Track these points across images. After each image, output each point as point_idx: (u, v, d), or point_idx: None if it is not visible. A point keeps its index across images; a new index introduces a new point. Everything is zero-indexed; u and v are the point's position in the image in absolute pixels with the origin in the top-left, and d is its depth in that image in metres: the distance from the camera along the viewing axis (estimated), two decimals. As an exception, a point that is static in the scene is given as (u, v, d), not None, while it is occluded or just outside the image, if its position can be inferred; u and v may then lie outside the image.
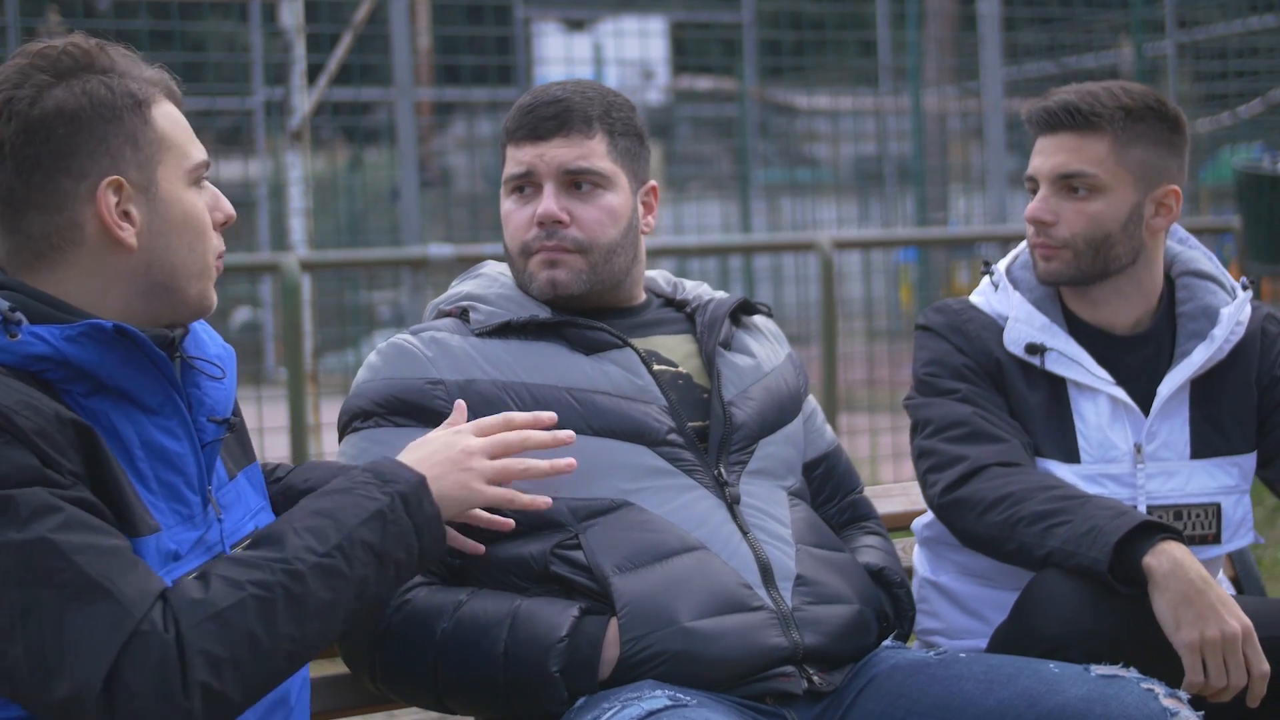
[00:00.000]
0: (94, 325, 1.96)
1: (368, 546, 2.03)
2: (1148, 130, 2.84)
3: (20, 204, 1.99)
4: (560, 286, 2.60)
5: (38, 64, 2.00)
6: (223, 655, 1.88)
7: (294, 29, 7.60)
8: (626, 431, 2.53)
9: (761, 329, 2.81)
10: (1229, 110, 10.39)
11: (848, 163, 13.18)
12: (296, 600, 1.95)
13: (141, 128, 2.02)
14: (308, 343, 6.27)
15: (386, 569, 2.06)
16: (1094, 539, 2.54)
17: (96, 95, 2.00)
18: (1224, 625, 2.48)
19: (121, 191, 2.01)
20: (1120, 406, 2.86)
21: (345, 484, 2.09)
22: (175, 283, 2.06)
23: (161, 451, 2.03)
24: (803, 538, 2.59)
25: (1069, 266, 2.86)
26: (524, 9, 10.81)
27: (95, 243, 2.01)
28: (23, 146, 1.97)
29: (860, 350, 8.72)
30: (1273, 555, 6.20)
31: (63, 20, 9.69)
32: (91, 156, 1.99)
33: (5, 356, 1.94)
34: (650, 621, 2.38)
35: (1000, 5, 8.88)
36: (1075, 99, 2.84)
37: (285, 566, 1.96)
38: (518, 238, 2.63)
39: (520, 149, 2.63)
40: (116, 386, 1.99)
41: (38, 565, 1.84)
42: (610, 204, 2.62)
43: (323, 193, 10.19)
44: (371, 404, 2.54)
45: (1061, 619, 2.54)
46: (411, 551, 2.08)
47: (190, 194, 2.07)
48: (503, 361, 2.56)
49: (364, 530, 2.03)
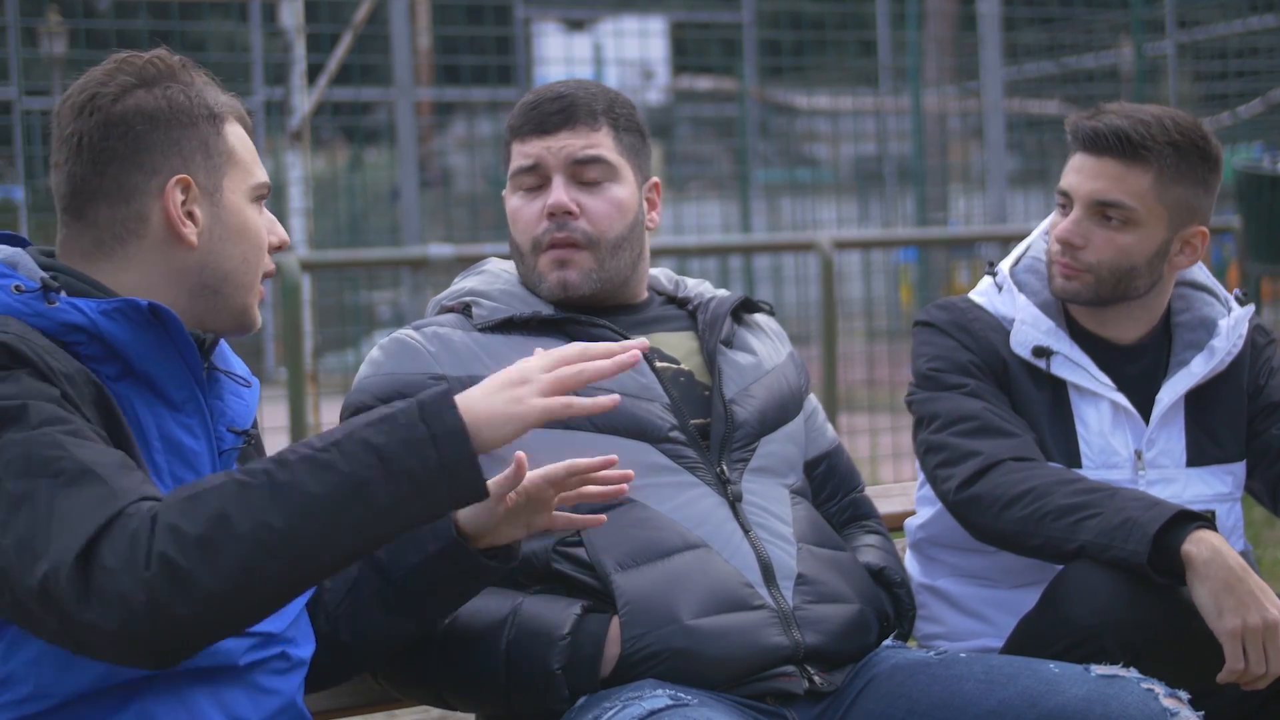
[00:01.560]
0: (130, 302, 2.01)
1: (370, 447, 1.88)
2: (1190, 169, 2.81)
3: (90, 193, 2.08)
4: (571, 288, 2.61)
5: (124, 68, 2.10)
6: (188, 530, 1.81)
7: (294, 29, 7.60)
8: (629, 429, 2.53)
9: (763, 327, 2.81)
10: (1229, 110, 10.37)
11: (848, 163, 13.17)
12: (279, 487, 1.85)
13: (214, 137, 2.12)
14: (308, 343, 6.27)
15: (395, 477, 1.88)
16: (1130, 530, 2.54)
17: (175, 101, 2.10)
18: (1265, 613, 2.49)
19: (189, 191, 2.09)
20: (1121, 413, 2.86)
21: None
22: (224, 288, 2.13)
23: (178, 447, 2.06)
24: (804, 536, 2.59)
25: (1088, 289, 2.85)
26: (524, 9, 10.80)
27: (157, 237, 2.09)
28: (100, 140, 2.07)
29: (860, 350, 8.72)
30: (1273, 555, 6.20)
31: (63, 20, 9.69)
32: (164, 155, 2.08)
33: (41, 322, 1.99)
34: (651, 620, 2.38)
35: (1000, 5, 8.87)
36: (1127, 126, 2.79)
37: (276, 457, 1.90)
38: (528, 233, 2.63)
39: (526, 143, 2.63)
40: (144, 372, 2.03)
41: (38, 455, 1.86)
42: (618, 196, 2.63)
43: (323, 193, 10.19)
44: (374, 399, 2.54)
45: (1096, 609, 2.53)
46: (428, 462, 1.89)
47: (251, 209, 2.16)
48: (505, 356, 2.55)
49: (368, 431, 1.90)
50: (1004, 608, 2.83)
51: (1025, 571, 2.80)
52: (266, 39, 9.34)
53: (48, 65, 9.80)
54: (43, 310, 1.99)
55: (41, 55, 9.95)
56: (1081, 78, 11.03)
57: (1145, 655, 2.46)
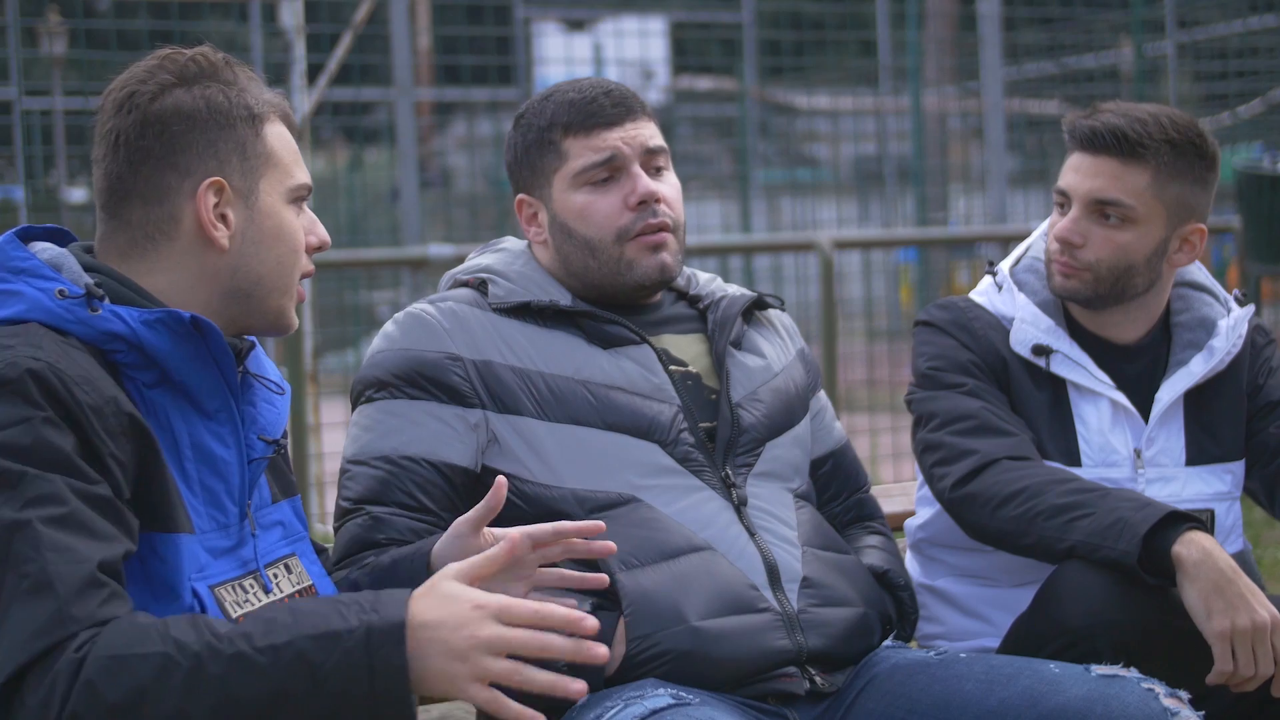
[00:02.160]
0: (172, 314, 2.00)
1: (306, 662, 1.81)
2: (1187, 167, 2.82)
3: (125, 192, 2.07)
4: (667, 270, 2.62)
5: (166, 66, 2.08)
6: (105, 696, 1.78)
7: (294, 29, 7.59)
8: (639, 428, 2.53)
9: (774, 324, 2.81)
10: (1229, 110, 10.37)
11: (848, 163, 13.18)
12: (200, 678, 1.80)
13: (252, 139, 2.10)
14: (308, 343, 6.27)
15: (322, 696, 1.81)
16: (1121, 531, 2.54)
17: (214, 101, 2.08)
18: (1254, 615, 2.49)
19: (222, 194, 2.07)
20: (1121, 411, 2.87)
21: (344, 594, 1.95)
22: (257, 291, 2.11)
23: (209, 456, 2.06)
24: (809, 540, 2.59)
25: (1086, 287, 2.85)
26: (524, 9, 10.80)
27: (189, 239, 2.07)
28: (137, 138, 2.05)
29: (860, 350, 8.73)
30: (1273, 555, 6.20)
31: (63, 20, 9.69)
32: (200, 156, 2.07)
33: (83, 330, 1.97)
34: (657, 620, 2.38)
35: (1000, 5, 8.88)
36: (1124, 125, 2.80)
37: (214, 642, 1.82)
38: (610, 225, 2.60)
39: (594, 136, 2.60)
40: (181, 381, 2.02)
41: (12, 548, 1.83)
42: (677, 184, 2.67)
43: (323, 193, 10.20)
44: (389, 374, 2.53)
45: (1087, 611, 2.54)
46: (359, 689, 1.82)
47: (288, 211, 2.13)
48: (520, 346, 2.55)
49: (310, 644, 1.82)
50: (1003, 607, 2.83)
51: (1025, 570, 2.80)
52: (266, 39, 9.34)
53: (48, 65, 9.80)
54: (85, 318, 1.98)
55: (41, 55, 9.95)
56: (1081, 78, 11.03)
57: (1136, 656, 2.45)
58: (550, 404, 2.51)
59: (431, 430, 2.49)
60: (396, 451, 2.48)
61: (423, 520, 2.45)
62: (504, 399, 2.50)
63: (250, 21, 9.22)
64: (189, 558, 1.99)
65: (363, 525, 2.45)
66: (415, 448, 2.48)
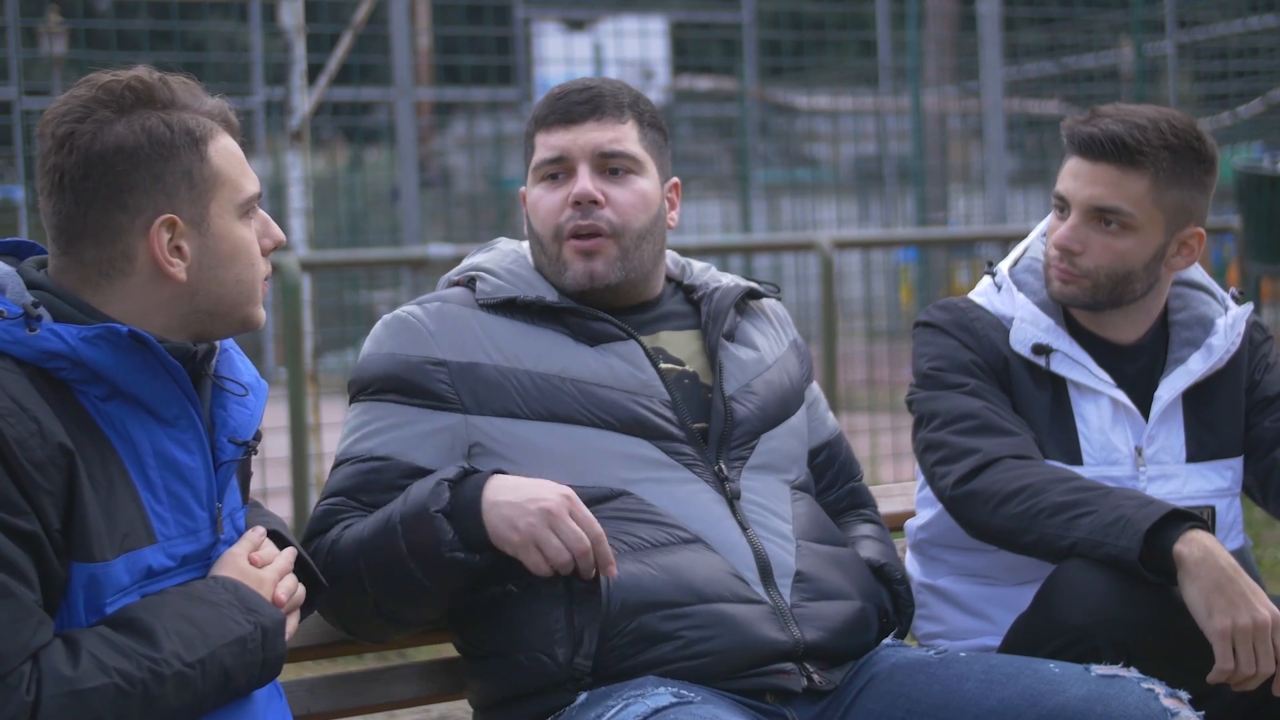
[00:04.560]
0: (110, 328, 1.99)
1: (224, 669, 2.03)
2: (1186, 172, 2.81)
3: (76, 232, 2.05)
4: (598, 278, 2.59)
5: (101, 98, 2.05)
6: None
7: (294, 29, 7.59)
8: (627, 424, 2.53)
9: (767, 314, 2.81)
10: (1229, 110, 10.37)
11: (848, 163, 13.18)
12: (152, 702, 1.95)
13: (197, 165, 2.08)
14: (308, 343, 6.26)
15: (228, 692, 2.06)
16: (1122, 528, 2.55)
17: (155, 133, 2.05)
18: (1255, 613, 2.49)
19: (175, 229, 2.06)
20: (1121, 410, 2.87)
21: (209, 594, 2.07)
22: (220, 308, 2.12)
23: (173, 463, 2.06)
24: (805, 533, 2.59)
25: (1085, 293, 2.85)
26: (524, 9, 10.80)
27: (145, 274, 2.06)
28: (82, 179, 2.03)
29: (860, 350, 8.72)
30: (1273, 555, 6.20)
31: (63, 20, 9.69)
32: (147, 193, 2.05)
33: (21, 350, 1.98)
34: (643, 603, 2.39)
35: (1000, 5, 8.88)
36: (1123, 132, 2.79)
37: (153, 667, 1.96)
38: (550, 221, 2.61)
39: (552, 134, 2.62)
40: (132, 393, 2.02)
41: None
42: (642, 189, 2.63)
43: (323, 193, 10.19)
44: (372, 378, 2.56)
45: (1088, 609, 2.54)
46: (253, 681, 2.09)
47: (240, 227, 2.12)
48: (506, 343, 2.55)
49: (225, 653, 2.03)
50: (1005, 605, 2.83)
51: (1026, 569, 2.80)
52: (266, 39, 9.34)
53: (48, 65, 9.80)
54: (23, 338, 1.97)
55: (41, 55, 9.95)
56: (1081, 78, 11.02)
57: (1137, 655, 2.46)
58: (536, 401, 2.52)
59: (405, 433, 2.52)
60: (370, 453, 2.52)
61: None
62: (489, 400, 2.51)
63: (250, 21, 9.22)
64: (136, 573, 2.01)
65: (328, 510, 2.50)
66: (388, 449, 2.52)
